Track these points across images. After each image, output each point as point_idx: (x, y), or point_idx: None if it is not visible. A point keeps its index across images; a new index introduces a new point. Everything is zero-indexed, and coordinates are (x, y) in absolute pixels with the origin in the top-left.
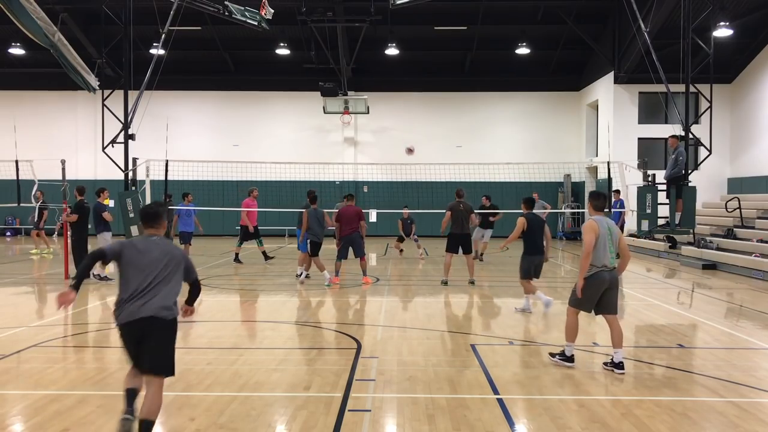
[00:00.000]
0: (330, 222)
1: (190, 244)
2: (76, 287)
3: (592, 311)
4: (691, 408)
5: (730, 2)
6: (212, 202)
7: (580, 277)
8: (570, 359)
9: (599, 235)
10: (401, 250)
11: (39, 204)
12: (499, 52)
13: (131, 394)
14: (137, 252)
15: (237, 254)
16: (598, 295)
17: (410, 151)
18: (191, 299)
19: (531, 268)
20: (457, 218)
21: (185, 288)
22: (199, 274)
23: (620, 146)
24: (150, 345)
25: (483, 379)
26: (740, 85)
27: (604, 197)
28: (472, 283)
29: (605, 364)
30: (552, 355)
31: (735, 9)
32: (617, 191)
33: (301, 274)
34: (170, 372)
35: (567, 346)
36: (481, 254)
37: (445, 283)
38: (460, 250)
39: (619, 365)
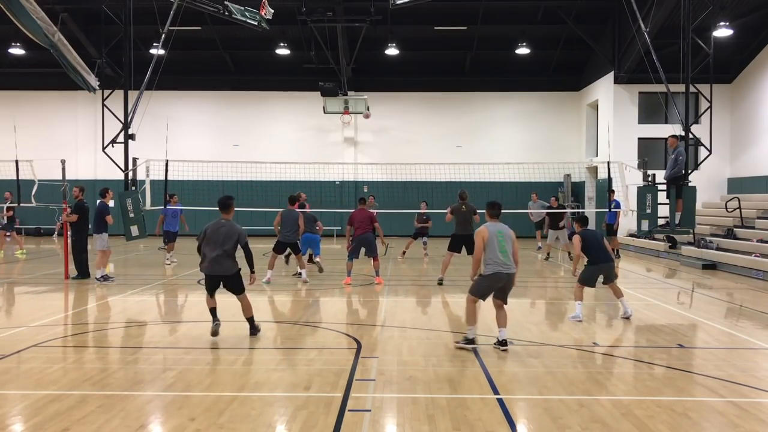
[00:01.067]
0: (302, 227)
1: (173, 242)
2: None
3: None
4: (691, 408)
5: (730, 2)
6: (212, 202)
7: (472, 274)
8: (472, 341)
9: (488, 238)
10: (404, 252)
11: (7, 204)
12: (499, 52)
13: (214, 311)
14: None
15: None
16: (494, 289)
17: (367, 116)
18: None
19: (594, 276)
20: (460, 219)
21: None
22: (199, 274)
23: (620, 146)
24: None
25: (483, 379)
26: (740, 85)
27: (498, 206)
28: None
29: (494, 344)
30: (457, 342)
31: (735, 9)
32: (612, 191)
33: (300, 274)
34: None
35: (469, 329)
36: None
37: (440, 282)
38: (464, 251)
39: (503, 342)
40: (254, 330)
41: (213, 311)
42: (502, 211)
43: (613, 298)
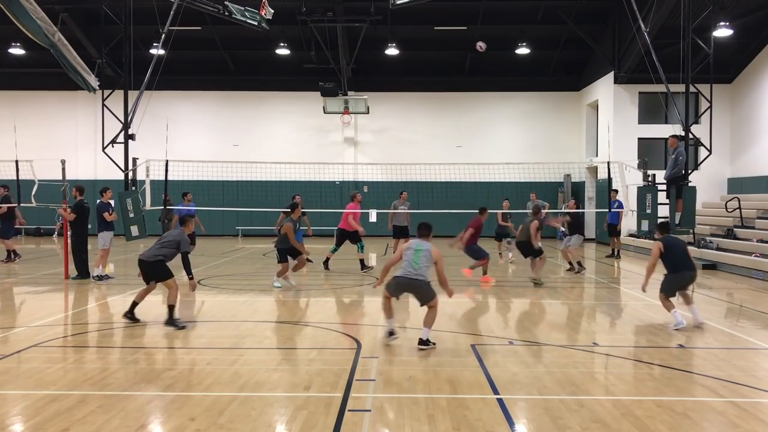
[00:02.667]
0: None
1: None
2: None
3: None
4: (691, 408)
5: (730, 2)
6: (212, 202)
7: (382, 277)
8: (392, 333)
9: (404, 251)
10: (500, 254)
11: None
12: (499, 52)
13: (134, 306)
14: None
15: (328, 259)
16: (400, 291)
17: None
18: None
19: (675, 285)
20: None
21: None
22: (199, 275)
23: (620, 146)
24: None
25: (483, 379)
26: (740, 85)
27: (427, 227)
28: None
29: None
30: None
31: (735, 9)
32: (615, 191)
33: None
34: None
35: (387, 321)
36: (578, 262)
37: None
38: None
39: (424, 342)
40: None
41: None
42: (501, 211)
43: (613, 299)
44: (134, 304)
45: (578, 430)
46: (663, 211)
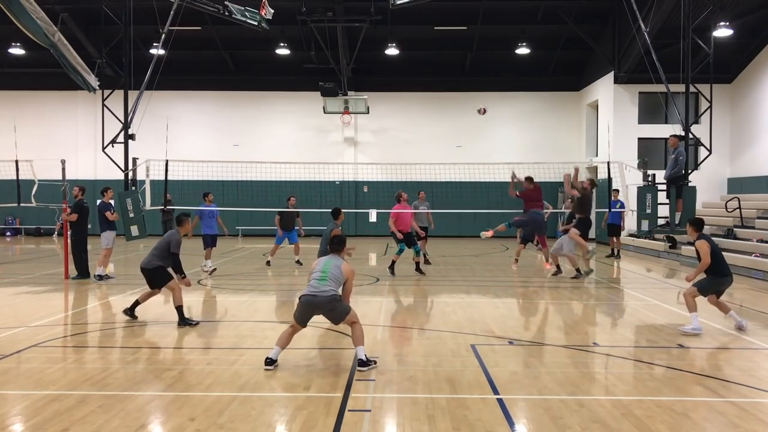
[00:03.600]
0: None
1: (214, 246)
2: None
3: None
4: (691, 408)
5: (730, 2)
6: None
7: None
8: (271, 362)
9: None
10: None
11: None
12: (499, 52)
13: (137, 304)
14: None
15: (418, 263)
16: (306, 313)
17: (483, 111)
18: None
19: (714, 288)
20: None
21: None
22: (199, 275)
23: (620, 146)
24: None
25: (483, 379)
26: (740, 85)
27: (340, 240)
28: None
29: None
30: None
31: (735, 9)
32: (616, 191)
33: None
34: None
35: (276, 348)
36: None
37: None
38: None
39: (363, 362)
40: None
41: (137, 304)
42: (504, 211)
43: (613, 299)
44: (136, 303)
45: (578, 430)
46: (663, 211)
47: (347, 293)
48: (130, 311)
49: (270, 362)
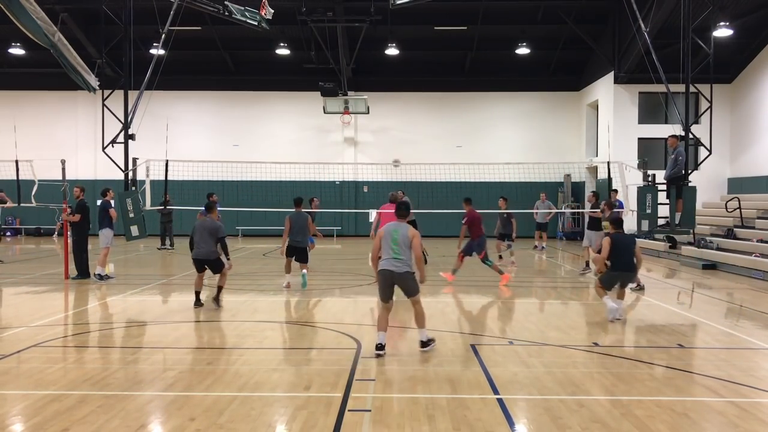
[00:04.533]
0: (314, 227)
1: None
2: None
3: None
4: (691, 408)
5: (730, 2)
6: None
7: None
8: (380, 348)
9: (382, 236)
10: (501, 257)
11: None
12: (499, 52)
13: (198, 294)
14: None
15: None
16: (387, 287)
17: (396, 162)
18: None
19: (614, 282)
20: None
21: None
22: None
23: (620, 146)
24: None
25: (483, 379)
26: (740, 85)
27: (407, 206)
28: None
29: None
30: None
31: (735, 9)
32: (615, 191)
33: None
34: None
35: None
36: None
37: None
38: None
39: (424, 343)
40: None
41: (198, 293)
42: (504, 211)
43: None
44: (197, 294)
45: (578, 430)
46: (663, 211)
47: (419, 258)
48: (198, 303)
49: (381, 347)
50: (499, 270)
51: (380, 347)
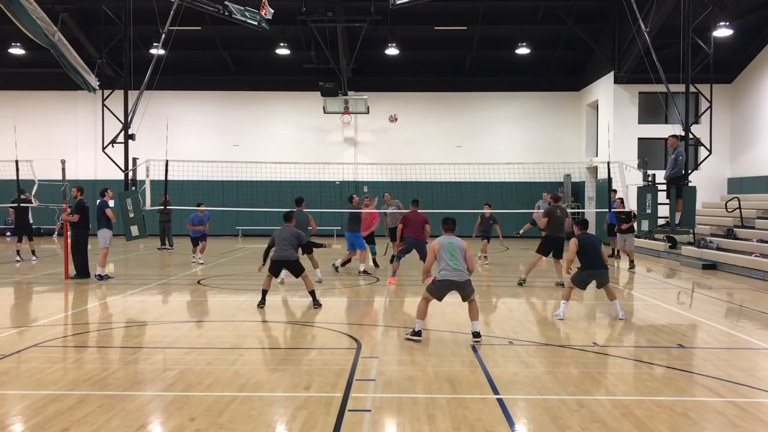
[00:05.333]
0: (314, 225)
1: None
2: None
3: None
4: (691, 408)
5: (730, 2)
6: (212, 202)
7: (423, 279)
8: (417, 334)
9: (437, 249)
10: (485, 256)
11: None
12: (499, 52)
13: (266, 293)
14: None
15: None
16: (446, 293)
17: (394, 118)
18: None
19: (586, 281)
20: (555, 222)
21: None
22: (199, 275)
23: (620, 146)
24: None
25: (483, 379)
26: (740, 85)
27: (452, 222)
28: (560, 284)
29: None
30: (406, 335)
31: (735, 9)
32: (614, 191)
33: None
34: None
35: (418, 322)
36: (631, 261)
37: (522, 282)
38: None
39: (475, 334)
40: (316, 303)
41: (266, 292)
42: (501, 211)
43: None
44: (264, 292)
45: (578, 430)
46: (663, 211)
47: (471, 263)
48: (262, 303)
49: (418, 334)
50: (394, 271)
51: (419, 333)
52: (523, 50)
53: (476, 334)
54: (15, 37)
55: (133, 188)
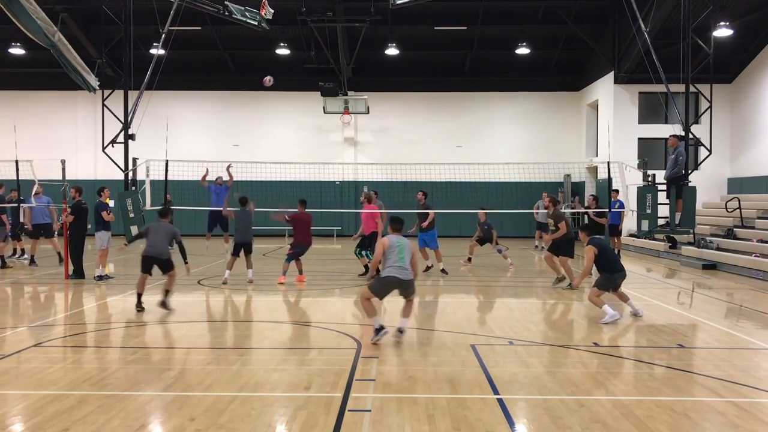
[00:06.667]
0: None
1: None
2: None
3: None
4: (691, 408)
5: (730, 2)
6: (212, 202)
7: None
8: (381, 328)
9: (387, 247)
10: (469, 258)
11: None
12: (499, 52)
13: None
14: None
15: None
16: (390, 290)
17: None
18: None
19: (611, 284)
20: (568, 224)
21: None
22: (199, 275)
23: (620, 146)
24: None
25: (483, 379)
26: (740, 85)
27: (401, 222)
28: (562, 283)
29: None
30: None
31: (735, 9)
32: (616, 191)
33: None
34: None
35: (373, 319)
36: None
37: (563, 284)
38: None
39: (400, 330)
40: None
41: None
42: (504, 211)
43: (614, 298)
44: (139, 296)
45: (578, 430)
46: (663, 211)
47: (416, 266)
48: (139, 305)
49: (380, 330)
50: (284, 271)
51: (382, 327)
52: (523, 50)
53: (401, 330)
54: (15, 37)
55: (133, 188)
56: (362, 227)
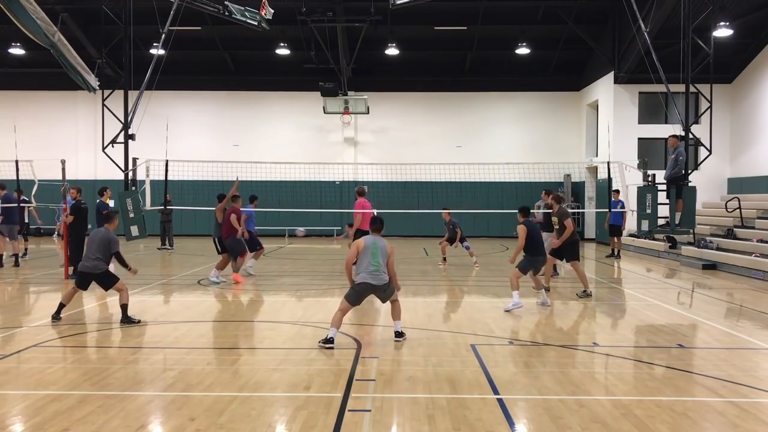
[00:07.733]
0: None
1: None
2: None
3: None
4: (691, 408)
5: (730, 2)
6: (212, 202)
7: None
8: (330, 341)
9: (362, 249)
10: (444, 259)
11: None
12: (499, 52)
13: (63, 306)
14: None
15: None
16: (365, 296)
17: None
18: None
19: (531, 267)
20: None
21: None
22: (199, 275)
23: (620, 146)
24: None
25: (483, 379)
26: (740, 85)
27: (381, 221)
28: (586, 295)
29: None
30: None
31: (735, 9)
32: (616, 191)
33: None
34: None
35: (332, 329)
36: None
37: (586, 294)
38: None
39: (397, 334)
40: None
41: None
42: (503, 211)
43: (613, 299)
44: (60, 306)
45: (578, 430)
46: (663, 211)
47: (392, 269)
48: (57, 314)
49: (330, 341)
50: (237, 268)
51: (331, 341)
52: (523, 50)
53: (398, 334)
54: (15, 37)
55: (133, 188)
56: (356, 223)
